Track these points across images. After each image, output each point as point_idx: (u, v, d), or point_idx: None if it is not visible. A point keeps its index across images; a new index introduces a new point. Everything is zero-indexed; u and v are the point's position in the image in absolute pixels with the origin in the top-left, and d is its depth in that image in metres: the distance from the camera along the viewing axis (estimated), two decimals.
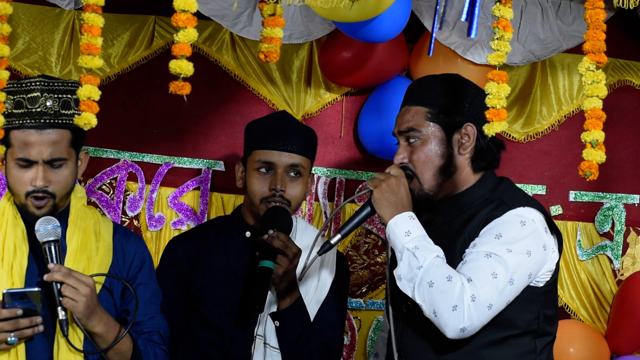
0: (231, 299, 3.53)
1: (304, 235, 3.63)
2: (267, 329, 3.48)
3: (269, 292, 3.46)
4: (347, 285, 3.77)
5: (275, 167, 3.55)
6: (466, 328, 2.94)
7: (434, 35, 3.32)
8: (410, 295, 3.00)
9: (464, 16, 2.73)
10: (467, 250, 3.05)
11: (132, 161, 4.54)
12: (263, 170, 3.56)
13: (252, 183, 3.57)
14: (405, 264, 3.02)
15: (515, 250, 3.00)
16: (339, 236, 3.16)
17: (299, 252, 3.44)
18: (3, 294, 2.97)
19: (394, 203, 3.10)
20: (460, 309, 2.92)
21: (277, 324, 3.47)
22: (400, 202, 3.11)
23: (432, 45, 3.39)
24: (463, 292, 2.93)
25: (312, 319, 3.51)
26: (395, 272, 3.04)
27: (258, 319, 3.50)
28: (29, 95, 3.07)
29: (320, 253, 3.18)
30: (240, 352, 3.50)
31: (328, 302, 3.57)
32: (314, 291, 3.56)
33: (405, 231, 3.05)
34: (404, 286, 3.01)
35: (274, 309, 3.49)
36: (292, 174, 3.56)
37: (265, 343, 3.48)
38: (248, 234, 3.61)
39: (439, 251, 3.03)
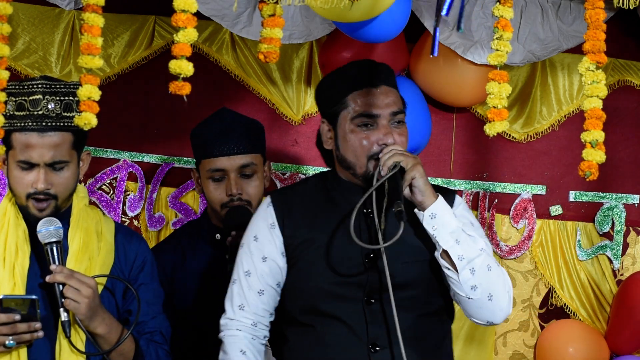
0: (214, 302, 3.53)
1: None
2: None
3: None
4: None
5: (227, 172, 3.56)
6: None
7: (437, 36, 3.30)
8: (462, 278, 2.92)
9: (444, 11, 2.71)
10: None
11: (132, 161, 4.54)
12: (216, 177, 3.57)
13: (208, 192, 3.59)
14: (465, 245, 2.92)
15: None
16: (400, 203, 2.90)
17: None
18: (1, 299, 2.97)
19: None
20: (511, 294, 2.99)
21: None
22: None
23: (437, 44, 3.36)
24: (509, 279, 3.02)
25: None
26: (454, 252, 2.92)
27: None
28: (30, 98, 3.07)
29: (402, 220, 2.87)
30: None
31: None
32: None
33: (452, 213, 2.97)
34: (463, 267, 2.92)
35: None
36: (246, 174, 3.57)
37: None
38: (218, 236, 3.62)
39: None
